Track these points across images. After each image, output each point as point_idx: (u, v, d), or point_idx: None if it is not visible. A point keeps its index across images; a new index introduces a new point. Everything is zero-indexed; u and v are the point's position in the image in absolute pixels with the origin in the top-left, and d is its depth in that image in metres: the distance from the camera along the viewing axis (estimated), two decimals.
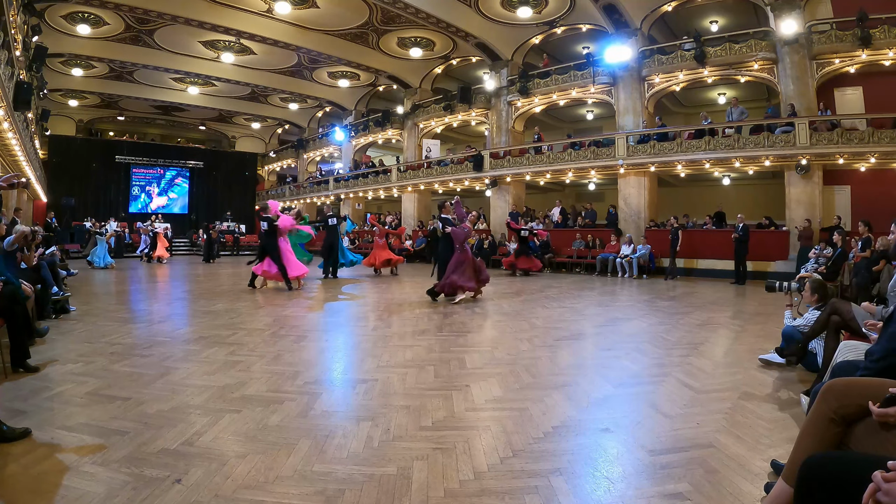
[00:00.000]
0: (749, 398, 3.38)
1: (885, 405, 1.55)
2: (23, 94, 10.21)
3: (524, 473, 2.31)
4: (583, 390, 3.56)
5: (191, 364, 4.15)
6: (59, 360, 4.18)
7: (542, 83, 16.90)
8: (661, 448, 2.58)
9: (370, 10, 15.30)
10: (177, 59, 18.95)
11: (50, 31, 15.32)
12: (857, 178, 12.72)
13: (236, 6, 14.94)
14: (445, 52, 18.63)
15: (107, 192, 25.91)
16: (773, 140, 12.39)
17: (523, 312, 7.10)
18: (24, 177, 3.84)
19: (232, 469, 2.32)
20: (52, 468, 2.31)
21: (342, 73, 20.93)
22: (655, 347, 4.95)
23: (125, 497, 2.06)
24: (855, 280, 7.97)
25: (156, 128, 28.63)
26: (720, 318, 6.88)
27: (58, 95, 21.77)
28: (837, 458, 1.48)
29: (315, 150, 27.79)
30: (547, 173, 16.65)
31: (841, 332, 3.52)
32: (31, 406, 3.10)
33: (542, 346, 4.96)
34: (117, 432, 2.71)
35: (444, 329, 5.83)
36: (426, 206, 21.33)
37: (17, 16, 11.39)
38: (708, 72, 14.07)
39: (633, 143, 14.58)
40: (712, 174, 15.37)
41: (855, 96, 12.88)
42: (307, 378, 3.82)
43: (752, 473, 2.30)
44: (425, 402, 3.25)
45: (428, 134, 21.28)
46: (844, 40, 12.00)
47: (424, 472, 2.32)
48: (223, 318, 6.38)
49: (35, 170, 16.78)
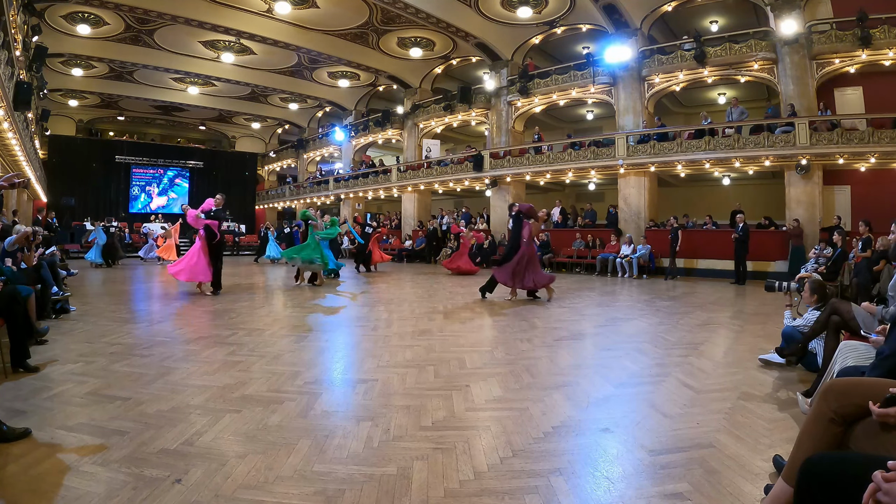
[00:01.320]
0: (749, 398, 3.38)
1: (886, 405, 1.54)
2: (23, 94, 10.22)
3: (524, 473, 2.31)
4: (583, 390, 3.56)
5: (191, 364, 4.14)
6: (59, 360, 4.17)
7: (542, 83, 16.89)
8: (661, 448, 2.58)
9: (370, 10, 15.31)
10: (177, 59, 18.96)
11: (50, 31, 15.33)
12: (857, 178, 12.72)
13: (236, 6, 14.94)
14: (445, 52, 18.63)
15: (107, 192, 25.94)
16: (773, 140, 12.40)
17: (523, 312, 7.10)
18: (24, 177, 3.82)
19: (232, 469, 2.32)
20: (52, 468, 2.31)
21: (342, 73, 20.93)
22: (655, 347, 4.95)
23: (125, 497, 2.06)
24: (856, 280, 7.97)
25: (156, 128, 28.63)
26: (720, 318, 6.88)
27: (58, 95, 21.77)
28: (837, 458, 1.48)
29: (315, 150, 27.78)
30: (547, 173, 16.65)
31: (841, 332, 3.52)
32: (31, 406, 3.10)
33: (542, 346, 4.96)
34: (117, 432, 2.71)
35: (444, 329, 5.83)
36: (426, 207, 21.33)
37: (17, 16, 11.40)
38: (708, 72, 14.07)
39: (633, 143, 14.59)
40: (712, 174, 15.38)
41: (855, 96, 12.88)
42: (307, 378, 3.82)
43: (752, 473, 2.30)
44: (425, 402, 3.25)
45: (428, 134, 21.27)
46: (844, 40, 12.00)
47: (424, 472, 2.32)
48: (223, 318, 6.38)
49: (35, 170, 16.78)
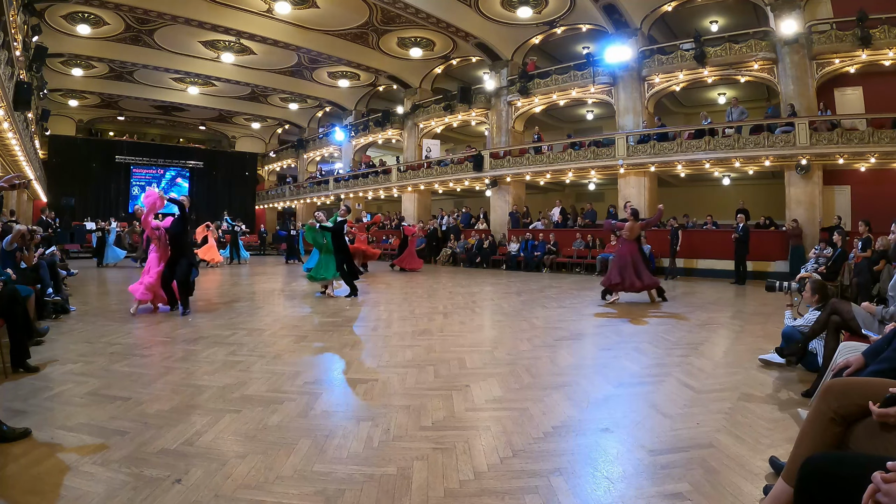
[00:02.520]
0: (749, 398, 3.38)
1: (886, 405, 1.55)
2: (23, 94, 10.21)
3: (524, 473, 2.31)
4: (583, 390, 3.56)
5: (191, 364, 4.14)
6: (59, 360, 4.17)
7: (542, 83, 16.88)
8: (661, 448, 2.58)
9: (370, 10, 15.30)
10: (177, 59, 18.94)
11: (50, 31, 15.32)
12: (857, 178, 12.71)
13: (236, 6, 14.93)
14: (445, 52, 18.62)
15: (107, 192, 25.92)
16: (773, 140, 12.39)
17: (523, 312, 7.10)
18: (25, 178, 3.84)
19: (232, 469, 2.32)
20: (52, 468, 2.31)
21: (342, 73, 20.92)
22: (655, 347, 4.95)
23: (125, 497, 2.06)
24: (857, 280, 7.97)
25: (156, 128, 28.63)
26: (720, 318, 6.88)
27: (58, 95, 21.75)
28: (837, 458, 1.48)
29: (315, 150, 27.77)
30: (547, 173, 16.64)
31: (841, 332, 3.52)
32: (31, 406, 3.10)
33: (542, 346, 4.96)
34: (117, 432, 2.71)
35: (444, 329, 5.83)
36: (426, 206, 21.32)
37: (17, 16, 11.39)
38: (708, 72, 14.07)
39: (633, 143, 14.58)
40: (712, 174, 15.36)
41: (855, 96, 12.87)
42: (307, 378, 3.82)
43: (752, 473, 2.30)
44: (425, 402, 3.25)
45: (428, 134, 21.26)
46: (844, 40, 11.99)
47: (424, 472, 2.32)
48: (223, 318, 6.38)
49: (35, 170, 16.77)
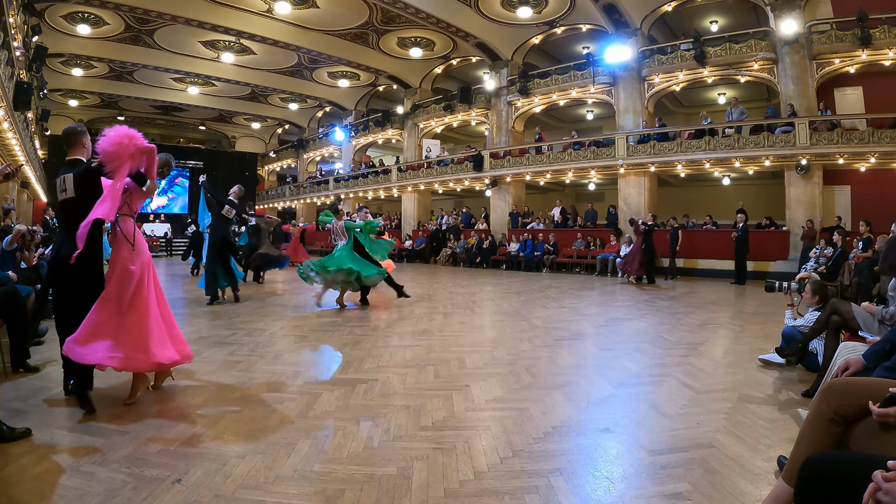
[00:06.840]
0: (749, 398, 3.38)
1: (885, 405, 1.54)
2: (23, 94, 10.22)
3: (524, 473, 2.31)
4: (583, 390, 3.56)
5: (191, 364, 4.13)
6: (58, 361, 4.16)
7: (542, 83, 16.90)
8: (661, 448, 2.58)
9: (370, 10, 15.31)
10: (177, 59, 18.95)
11: (50, 31, 15.32)
12: (857, 178, 12.71)
13: (236, 6, 14.93)
14: (445, 52, 18.62)
15: None
16: (773, 140, 12.39)
17: (523, 312, 7.10)
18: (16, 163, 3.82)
19: (232, 469, 2.32)
20: (52, 468, 2.31)
21: (342, 73, 20.92)
22: (655, 347, 4.95)
23: (125, 497, 2.06)
24: (856, 280, 7.97)
25: (156, 128, 28.62)
26: (720, 318, 6.88)
27: (58, 95, 21.76)
28: (837, 458, 1.48)
29: (315, 150, 27.78)
30: (547, 173, 16.65)
31: (841, 332, 3.52)
32: (31, 406, 3.10)
33: (542, 346, 4.96)
34: (117, 432, 2.71)
35: (444, 329, 5.83)
36: (426, 207, 21.32)
37: (17, 16, 11.40)
38: (708, 72, 14.07)
39: (633, 143, 14.58)
40: (712, 174, 15.37)
41: (855, 96, 12.87)
42: (307, 378, 3.82)
43: (752, 473, 2.30)
44: (425, 402, 3.25)
45: (428, 134, 21.27)
46: (844, 40, 12.00)
47: (424, 472, 2.32)
48: (223, 318, 6.38)
49: (35, 170, 16.78)
